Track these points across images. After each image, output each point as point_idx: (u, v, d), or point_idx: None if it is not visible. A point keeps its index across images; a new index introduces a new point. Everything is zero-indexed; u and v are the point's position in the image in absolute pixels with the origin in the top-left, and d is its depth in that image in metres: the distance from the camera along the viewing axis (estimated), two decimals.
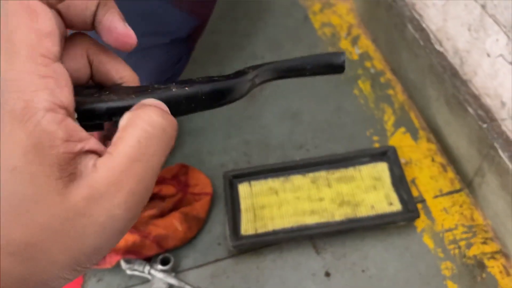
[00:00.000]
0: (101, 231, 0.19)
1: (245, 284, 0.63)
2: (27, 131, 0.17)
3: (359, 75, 0.83)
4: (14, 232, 0.17)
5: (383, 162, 0.68)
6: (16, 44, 0.18)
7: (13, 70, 0.17)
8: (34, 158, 0.17)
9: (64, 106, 0.18)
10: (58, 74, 0.19)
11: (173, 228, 0.65)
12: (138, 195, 0.19)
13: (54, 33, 0.19)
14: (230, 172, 0.70)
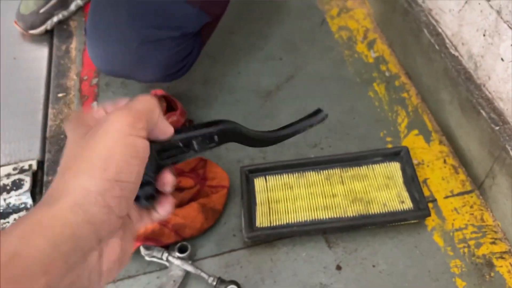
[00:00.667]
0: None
1: (258, 275, 0.65)
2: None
3: (374, 78, 0.85)
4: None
5: (396, 162, 0.70)
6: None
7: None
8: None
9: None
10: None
11: (191, 218, 0.67)
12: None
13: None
14: (246, 167, 0.72)
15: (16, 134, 0.87)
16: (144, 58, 0.73)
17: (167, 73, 0.76)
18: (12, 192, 0.77)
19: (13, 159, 0.84)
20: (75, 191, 0.29)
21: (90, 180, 0.29)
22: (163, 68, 0.75)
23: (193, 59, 0.79)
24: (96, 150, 0.30)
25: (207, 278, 0.62)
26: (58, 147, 0.84)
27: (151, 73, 0.76)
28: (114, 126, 0.31)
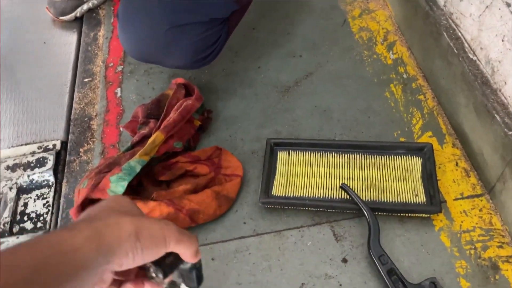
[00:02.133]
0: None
1: (266, 262, 0.67)
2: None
3: (392, 79, 0.86)
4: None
5: (418, 157, 0.71)
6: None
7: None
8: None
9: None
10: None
11: (205, 204, 0.69)
12: None
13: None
14: (273, 139, 0.76)
15: (42, 115, 0.91)
16: (172, 43, 0.75)
17: (194, 59, 0.79)
18: (36, 169, 0.81)
19: (38, 138, 0.88)
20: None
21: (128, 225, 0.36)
22: (191, 53, 0.77)
23: (220, 47, 0.81)
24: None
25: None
26: (81, 129, 0.88)
27: (179, 58, 0.78)
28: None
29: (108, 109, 0.90)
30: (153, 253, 0.37)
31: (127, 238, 0.35)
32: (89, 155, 0.83)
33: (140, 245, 0.36)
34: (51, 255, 0.31)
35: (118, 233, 0.35)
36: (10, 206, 0.77)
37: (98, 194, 0.67)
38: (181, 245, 0.39)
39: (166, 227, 0.38)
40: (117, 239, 0.35)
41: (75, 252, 0.32)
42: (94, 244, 0.33)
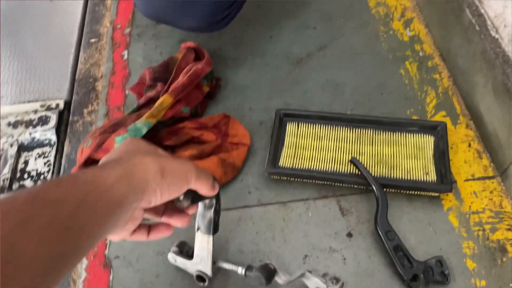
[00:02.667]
0: None
1: (270, 232, 0.66)
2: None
3: (407, 57, 0.84)
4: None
5: (431, 135, 0.69)
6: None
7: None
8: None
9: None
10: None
11: (210, 170, 0.67)
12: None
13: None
14: (282, 110, 0.74)
15: (46, 73, 0.89)
16: (189, 2, 0.73)
17: (210, 21, 0.76)
18: (38, 127, 0.79)
19: (41, 97, 0.86)
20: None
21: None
22: (207, 14, 0.75)
23: (236, 11, 0.79)
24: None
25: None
26: (85, 90, 0.85)
27: (195, 18, 0.75)
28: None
29: (114, 71, 0.87)
30: (177, 189, 0.40)
31: (154, 176, 0.37)
32: (93, 117, 0.81)
33: (166, 181, 0.38)
34: (89, 192, 0.32)
35: (145, 172, 0.37)
36: (11, 163, 0.76)
37: (101, 154, 0.66)
38: (199, 180, 0.42)
39: (186, 164, 0.41)
40: (144, 177, 0.37)
41: (110, 190, 0.33)
42: (125, 182, 0.35)
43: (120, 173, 0.35)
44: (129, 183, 0.35)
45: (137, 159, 0.38)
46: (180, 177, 0.40)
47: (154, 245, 0.65)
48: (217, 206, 0.50)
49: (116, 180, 0.34)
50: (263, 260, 0.63)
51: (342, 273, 0.61)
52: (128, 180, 0.35)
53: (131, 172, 0.36)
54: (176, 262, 0.60)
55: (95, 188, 0.33)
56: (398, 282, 0.60)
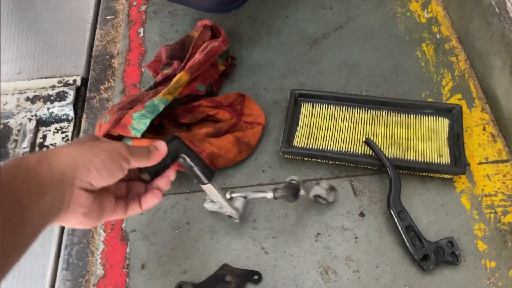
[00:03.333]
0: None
1: (283, 210, 0.67)
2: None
3: (424, 39, 0.83)
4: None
5: (446, 118, 0.69)
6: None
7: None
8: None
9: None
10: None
11: (225, 149, 0.69)
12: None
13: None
14: (298, 90, 0.74)
15: (63, 49, 0.90)
16: None
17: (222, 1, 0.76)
18: (55, 102, 0.80)
19: (58, 73, 0.87)
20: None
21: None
22: None
23: None
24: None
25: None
26: (102, 67, 0.86)
27: None
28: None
29: (130, 49, 0.88)
30: (115, 165, 0.41)
31: (80, 156, 0.39)
32: (110, 93, 0.82)
33: (99, 159, 0.39)
34: (16, 173, 0.35)
35: (69, 154, 0.39)
36: (29, 137, 0.77)
37: (119, 130, 0.67)
38: (134, 156, 0.43)
39: (116, 143, 0.43)
40: (68, 157, 0.38)
41: (33, 171, 0.36)
42: (45, 164, 0.37)
43: (40, 157, 0.37)
44: (49, 163, 0.37)
45: (59, 146, 0.41)
46: (113, 153, 0.41)
47: (170, 220, 0.67)
48: (191, 159, 0.50)
49: (37, 162, 0.36)
50: (275, 236, 0.64)
51: (353, 251, 0.62)
52: (49, 161, 0.37)
53: (51, 154, 0.38)
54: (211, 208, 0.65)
55: (18, 170, 0.35)
56: (409, 262, 0.61)
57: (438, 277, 0.59)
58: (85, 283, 0.63)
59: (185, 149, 0.50)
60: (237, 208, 0.62)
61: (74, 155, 0.39)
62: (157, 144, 0.47)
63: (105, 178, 0.41)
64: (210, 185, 0.55)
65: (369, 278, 0.60)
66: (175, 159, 0.49)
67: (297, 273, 0.61)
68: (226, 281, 0.59)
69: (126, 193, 0.47)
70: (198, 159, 0.51)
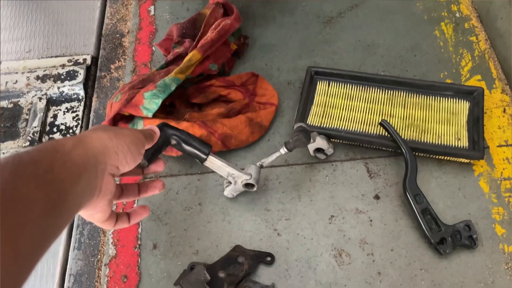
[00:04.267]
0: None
1: (296, 192, 0.66)
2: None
3: (443, 18, 0.81)
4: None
5: (466, 100, 0.67)
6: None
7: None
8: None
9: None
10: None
11: (238, 129, 0.67)
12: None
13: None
14: (314, 67, 0.73)
15: (73, 28, 0.88)
16: None
17: None
18: (66, 81, 0.79)
19: (68, 52, 0.85)
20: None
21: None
22: None
23: None
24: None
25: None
26: (112, 46, 0.85)
27: None
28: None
29: (141, 27, 0.86)
30: (137, 150, 0.43)
31: (109, 139, 0.40)
32: (120, 72, 0.81)
33: (125, 144, 0.41)
34: (55, 155, 0.35)
35: (98, 138, 0.39)
36: (40, 116, 0.76)
37: (130, 110, 0.66)
38: (147, 139, 0.46)
39: (132, 129, 0.45)
40: (99, 141, 0.39)
41: (69, 154, 0.36)
42: (80, 148, 0.37)
43: (74, 141, 0.38)
44: (85, 148, 0.38)
45: (88, 131, 0.41)
46: (134, 138, 0.43)
47: (181, 200, 0.66)
48: (182, 138, 0.51)
49: (72, 146, 0.37)
50: (288, 218, 0.63)
51: (368, 234, 0.61)
52: (84, 145, 0.38)
53: (85, 139, 0.39)
54: (230, 195, 0.65)
55: (57, 153, 0.35)
56: (425, 245, 0.60)
57: (455, 261, 0.58)
58: (97, 263, 0.63)
59: (174, 131, 0.51)
60: (251, 173, 0.61)
61: (105, 139, 0.40)
62: (149, 126, 0.49)
63: (129, 162, 0.42)
64: (211, 158, 0.55)
65: (383, 261, 0.59)
66: (166, 142, 0.50)
67: (310, 255, 0.60)
68: (238, 262, 0.58)
69: (119, 196, 0.49)
70: (189, 136, 0.52)
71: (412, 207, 0.60)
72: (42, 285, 0.63)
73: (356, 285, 0.58)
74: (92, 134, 0.40)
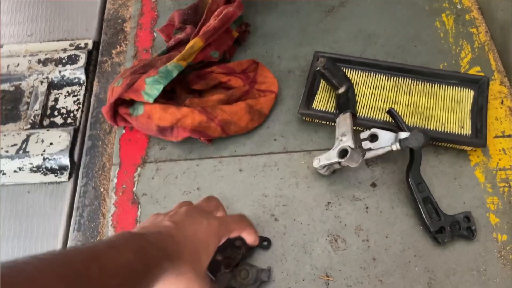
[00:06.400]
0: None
1: (294, 179, 0.67)
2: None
3: (444, 9, 0.81)
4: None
5: (471, 89, 0.68)
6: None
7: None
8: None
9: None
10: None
11: (238, 116, 0.68)
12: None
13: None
14: (321, 52, 0.73)
15: (74, 12, 0.89)
16: None
17: None
18: (67, 65, 0.80)
19: (70, 36, 0.86)
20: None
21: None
22: None
23: None
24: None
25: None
26: (114, 31, 0.85)
27: None
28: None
29: (143, 13, 0.86)
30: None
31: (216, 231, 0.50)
32: (121, 58, 0.81)
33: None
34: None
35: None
36: (41, 99, 0.77)
37: (131, 95, 0.66)
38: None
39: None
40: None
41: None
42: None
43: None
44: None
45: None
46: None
47: (180, 184, 0.67)
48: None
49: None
50: (286, 204, 0.64)
51: (363, 220, 0.62)
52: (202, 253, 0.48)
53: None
54: (320, 162, 0.63)
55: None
56: (420, 233, 0.61)
57: (449, 249, 0.59)
58: None
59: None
60: (355, 148, 0.60)
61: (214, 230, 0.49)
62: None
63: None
64: (346, 114, 0.61)
65: (378, 247, 0.60)
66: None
67: (307, 240, 0.61)
68: (236, 246, 0.59)
69: None
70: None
71: (413, 195, 0.61)
72: None
73: (350, 270, 0.59)
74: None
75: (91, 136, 0.74)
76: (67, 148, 0.71)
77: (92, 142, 0.73)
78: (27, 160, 0.71)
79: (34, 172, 0.71)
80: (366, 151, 0.62)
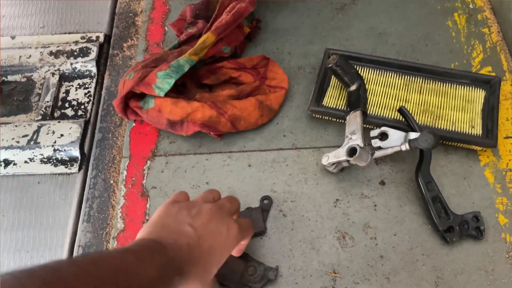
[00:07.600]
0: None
1: (302, 175, 0.67)
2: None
3: (456, 8, 0.80)
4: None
5: (483, 89, 0.68)
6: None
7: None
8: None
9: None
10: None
11: (248, 111, 0.68)
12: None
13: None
14: (332, 49, 0.73)
15: (86, 5, 0.89)
16: None
17: None
18: (79, 58, 0.80)
19: (81, 29, 0.86)
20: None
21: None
22: None
23: None
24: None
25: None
26: (125, 24, 0.85)
27: None
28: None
29: (154, 7, 0.86)
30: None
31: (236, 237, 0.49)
32: (133, 51, 0.82)
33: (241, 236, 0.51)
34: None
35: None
36: (52, 91, 0.78)
37: (143, 88, 0.67)
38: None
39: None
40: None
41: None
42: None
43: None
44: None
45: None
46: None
47: (189, 178, 0.68)
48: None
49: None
50: (294, 200, 0.65)
51: (371, 218, 0.62)
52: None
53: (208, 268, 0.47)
54: (329, 159, 0.63)
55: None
56: (428, 232, 0.61)
57: (457, 249, 0.59)
58: (105, 236, 0.65)
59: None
60: (363, 146, 0.60)
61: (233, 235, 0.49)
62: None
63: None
64: (357, 112, 0.61)
65: (386, 245, 0.60)
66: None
67: (314, 236, 0.62)
68: None
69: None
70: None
71: (422, 194, 0.61)
72: (51, 255, 0.65)
73: (358, 267, 0.59)
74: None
75: (101, 128, 0.74)
76: (78, 140, 0.72)
77: (102, 134, 0.74)
78: (38, 151, 0.71)
79: (44, 163, 0.72)
80: (375, 150, 0.62)
